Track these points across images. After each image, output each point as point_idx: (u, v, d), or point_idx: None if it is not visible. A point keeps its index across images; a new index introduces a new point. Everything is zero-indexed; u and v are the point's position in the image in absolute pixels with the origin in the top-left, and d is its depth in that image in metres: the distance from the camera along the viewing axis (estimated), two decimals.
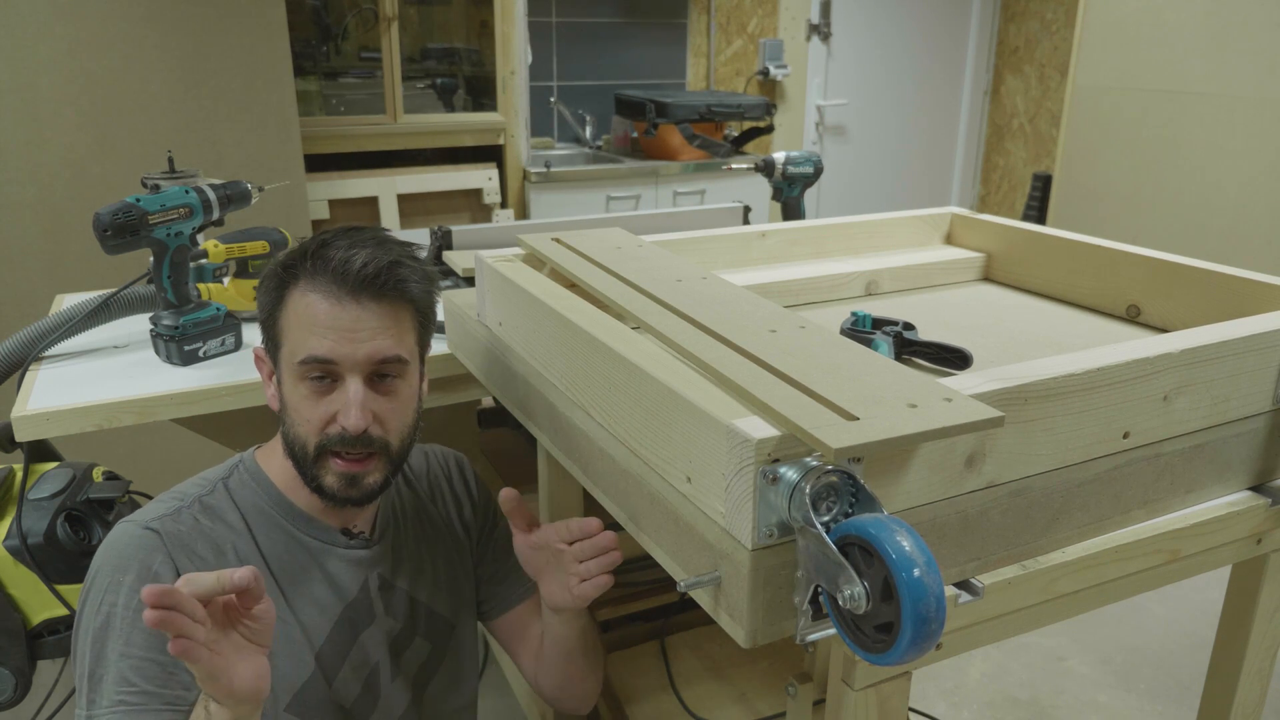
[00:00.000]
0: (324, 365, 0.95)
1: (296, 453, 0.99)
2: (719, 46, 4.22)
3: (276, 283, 0.99)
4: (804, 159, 1.98)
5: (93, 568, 0.95)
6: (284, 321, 0.98)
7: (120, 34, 2.41)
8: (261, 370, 1.05)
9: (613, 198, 3.65)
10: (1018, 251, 1.38)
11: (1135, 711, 2.18)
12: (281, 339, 0.98)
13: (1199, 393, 0.87)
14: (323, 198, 3.21)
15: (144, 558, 0.94)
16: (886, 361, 0.77)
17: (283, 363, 0.98)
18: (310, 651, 1.01)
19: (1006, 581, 0.80)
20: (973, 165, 5.08)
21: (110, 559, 0.95)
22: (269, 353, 1.02)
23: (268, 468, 1.05)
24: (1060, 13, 4.51)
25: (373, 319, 0.96)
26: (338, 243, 0.97)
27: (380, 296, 0.96)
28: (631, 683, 1.38)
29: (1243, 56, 2.71)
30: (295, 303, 0.96)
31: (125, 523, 0.98)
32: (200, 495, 1.01)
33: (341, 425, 0.96)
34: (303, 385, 0.96)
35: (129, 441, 2.22)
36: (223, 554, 0.98)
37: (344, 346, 0.95)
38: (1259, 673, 1.09)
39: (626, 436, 0.83)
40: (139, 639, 0.90)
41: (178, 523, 0.97)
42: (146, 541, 0.95)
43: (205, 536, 0.98)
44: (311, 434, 0.97)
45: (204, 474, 1.06)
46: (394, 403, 1.00)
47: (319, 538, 1.05)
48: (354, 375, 0.96)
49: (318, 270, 0.96)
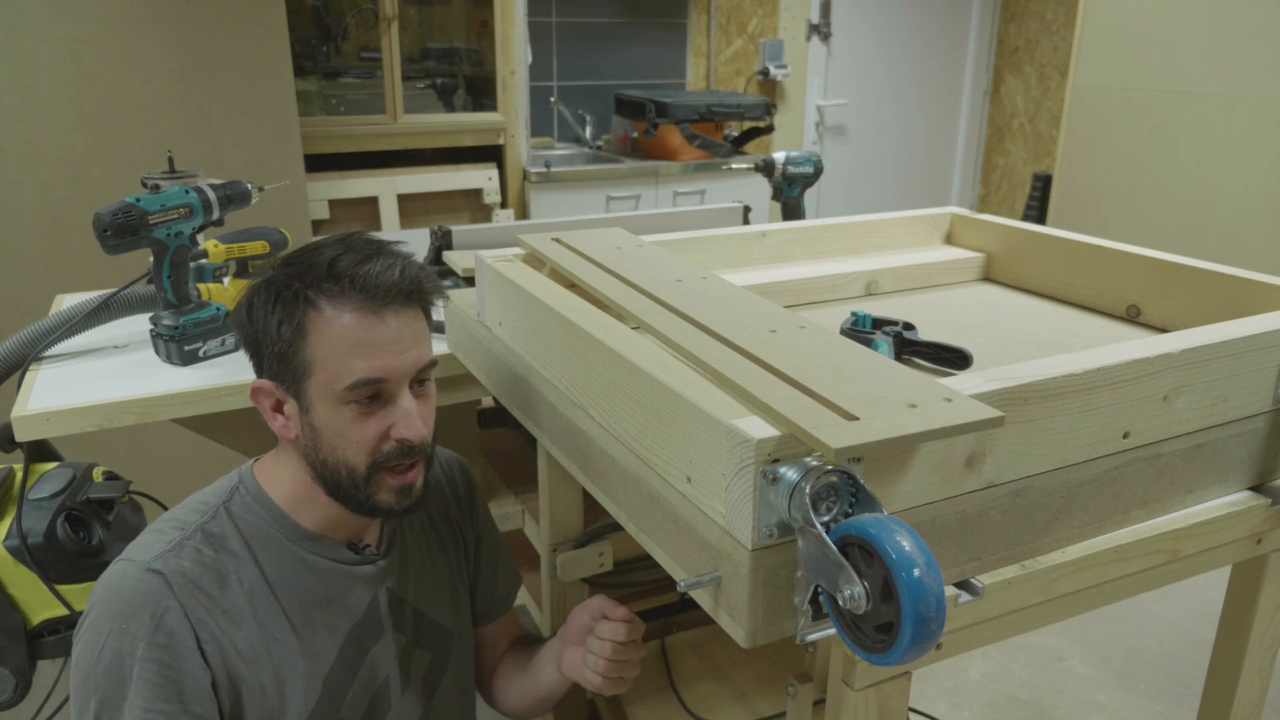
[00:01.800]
0: (376, 385, 0.92)
1: (342, 479, 0.95)
2: (719, 46, 4.22)
3: (288, 311, 0.92)
4: (804, 159, 1.98)
5: (90, 608, 0.92)
6: (312, 350, 0.91)
7: (120, 34, 2.41)
8: (263, 404, 0.98)
9: (613, 198, 3.65)
10: (1018, 251, 1.38)
11: (1135, 711, 2.18)
12: (310, 368, 0.92)
13: (1199, 393, 0.86)
14: (323, 198, 3.21)
15: (151, 607, 0.91)
16: (886, 361, 0.77)
17: (313, 392, 0.93)
18: (319, 678, 1.00)
19: (1006, 581, 0.80)
20: (973, 165, 5.08)
21: (111, 604, 0.91)
22: (284, 384, 0.95)
23: (269, 488, 1.01)
24: (1060, 13, 4.51)
25: (407, 328, 0.94)
26: (347, 257, 0.93)
27: (407, 304, 0.95)
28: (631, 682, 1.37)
29: (1243, 56, 2.71)
30: (325, 328, 0.91)
31: (125, 563, 0.94)
32: (202, 523, 0.97)
33: (399, 439, 0.94)
34: (346, 410, 0.92)
35: (129, 441, 2.23)
36: (227, 585, 0.95)
37: (393, 361, 0.92)
38: (1259, 673, 1.09)
39: (626, 436, 0.83)
40: (153, 692, 0.89)
41: (180, 558, 0.94)
42: (152, 586, 0.92)
43: (209, 569, 0.95)
44: (362, 455, 0.94)
45: (203, 496, 1.01)
46: (429, 405, 0.99)
47: (327, 556, 1.02)
48: (403, 387, 0.94)
49: (343, 289, 0.91)
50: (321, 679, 1.00)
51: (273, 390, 0.96)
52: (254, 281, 0.97)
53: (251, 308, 0.95)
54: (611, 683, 1.06)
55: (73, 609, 1.23)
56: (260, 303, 0.94)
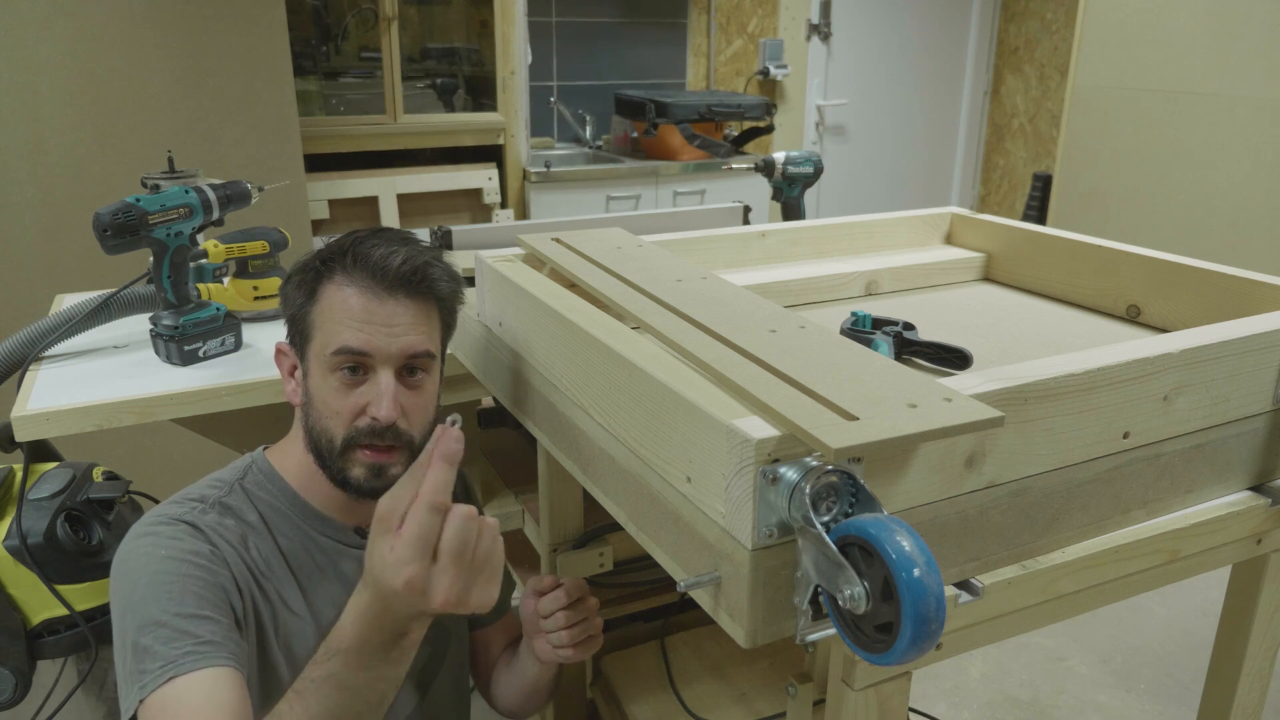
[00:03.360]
0: (357, 357, 0.97)
1: (323, 446, 0.99)
2: (719, 46, 4.22)
3: (310, 277, 1.00)
4: (804, 159, 1.98)
5: (119, 560, 0.93)
6: (316, 315, 0.99)
7: (120, 34, 2.41)
8: (282, 366, 1.06)
9: (613, 198, 3.65)
10: (1018, 251, 1.38)
11: (1135, 711, 2.18)
12: (313, 332, 0.99)
13: (1199, 393, 0.86)
14: (323, 198, 3.21)
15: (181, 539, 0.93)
16: (886, 361, 0.77)
17: (312, 356, 0.99)
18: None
19: (1006, 581, 0.80)
20: (973, 165, 5.08)
21: (142, 545, 0.93)
22: (295, 347, 1.03)
23: (281, 467, 1.05)
24: (1060, 13, 4.51)
25: (406, 315, 0.98)
26: (372, 241, 0.99)
27: (414, 294, 0.99)
28: (631, 683, 1.37)
29: (1243, 56, 2.71)
30: (330, 297, 0.98)
31: (147, 523, 0.95)
32: (219, 497, 1.00)
33: (372, 416, 0.97)
34: (333, 377, 0.97)
35: (129, 441, 2.23)
36: (247, 548, 0.98)
37: (379, 339, 0.96)
38: (1259, 673, 1.09)
39: (626, 436, 0.83)
40: (191, 601, 0.89)
41: (205, 518, 0.97)
42: (184, 531, 0.94)
43: (230, 531, 0.98)
44: (340, 426, 0.98)
45: (216, 476, 1.05)
46: (420, 398, 1.01)
47: (334, 537, 1.05)
48: (386, 368, 0.98)
49: (356, 266, 0.97)
50: None
51: (288, 352, 1.04)
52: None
53: (289, 280, 1.03)
54: (582, 647, 1.10)
55: (73, 609, 1.23)
56: (295, 273, 1.02)
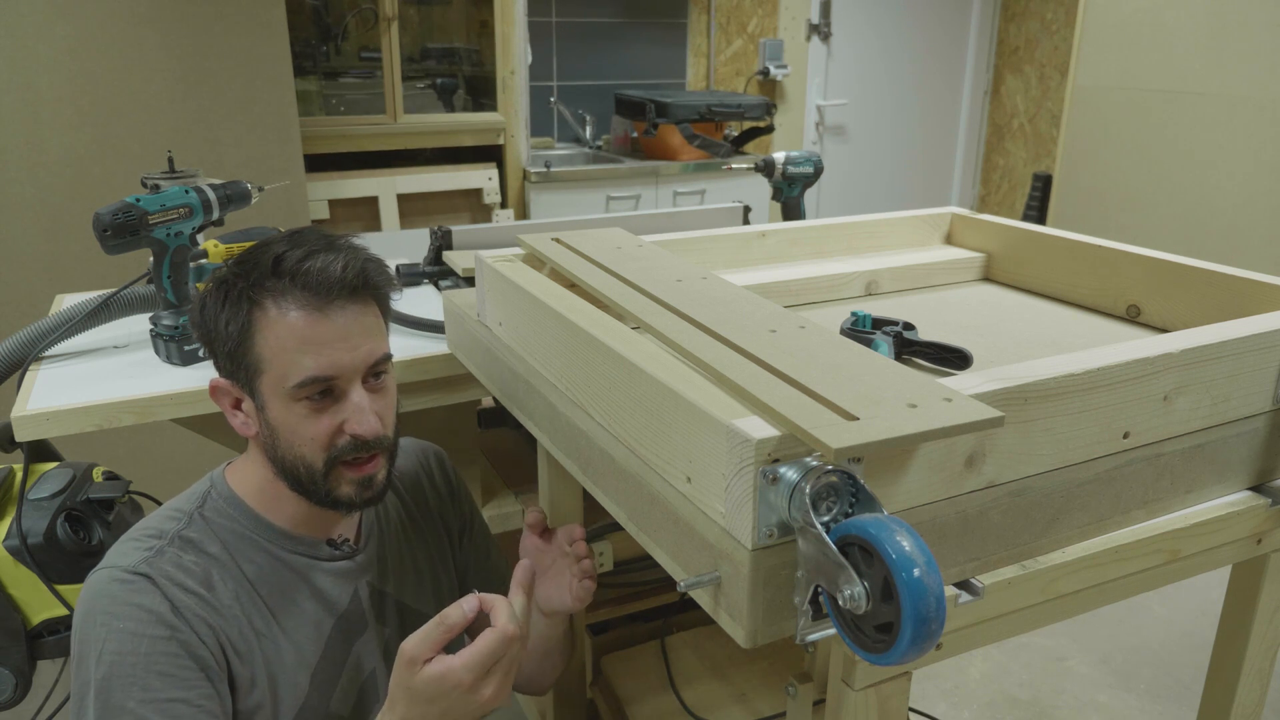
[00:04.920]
0: (325, 382, 0.93)
1: (301, 474, 0.95)
2: (719, 46, 4.22)
3: (235, 309, 0.93)
4: (804, 159, 1.98)
5: (78, 622, 0.90)
6: (261, 348, 0.92)
7: (120, 34, 2.41)
8: (223, 402, 0.99)
9: (613, 198, 3.65)
10: (1018, 251, 1.38)
11: (1135, 711, 2.18)
12: (261, 366, 0.93)
13: (1199, 393, 0.86)
14: (323, 198, 3.21)
15: (139, 600, 0.90)
16: (886, 361, 0.77)
17: (266, 390, 0.93)
18: (306, 672, 1.00)
19: (1006, 581, 0.80)
20: (973, 165, 5.08)
21: (100, 608, 0.89)
22: (239, 382, 0.96)
23: (242, 490, 1.00)
24: (1060, 13, 4.51)
25: (356, 322, 0.94)
26: (296, 253, 0.92)
27: (354, 298, 0.94)
28: (631, 683, 1.38)
29: (1243, 56, 2.71)
30: (271, 325, 0.91)
31: (107, 569, 0.92)
32: (178, 531, 0.96)
33: (353, 433, 0.94)
34: (298, 406, 0.93)
35: (129, 441, 2.23)
36: (212, 585, 0.95)
37: (343, 357, 0.93)
38: (1259, 673, 1.09)
39: (626, 436, 0.83)
40: (156, 682, 0.88)
41: (161, 563, 0.93)
42: (140, 586, 0.90)
43: (190, 573, 0.94)
44: (317, 451, 0.94)
45: (176, 503, 1.00)
46: (386, 398, 0.99)
47: (306, 554, 1.02)
48: (354, 383, 0.95)
49: (286, 287, 0.91)
50: (310, 673, 1.01)
51: (229, 389, 0.97)
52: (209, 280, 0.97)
53: (204, 307, 0.96)
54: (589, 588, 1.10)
55: (72, 609, 1.23)
56: (211, 302, 0.95)
